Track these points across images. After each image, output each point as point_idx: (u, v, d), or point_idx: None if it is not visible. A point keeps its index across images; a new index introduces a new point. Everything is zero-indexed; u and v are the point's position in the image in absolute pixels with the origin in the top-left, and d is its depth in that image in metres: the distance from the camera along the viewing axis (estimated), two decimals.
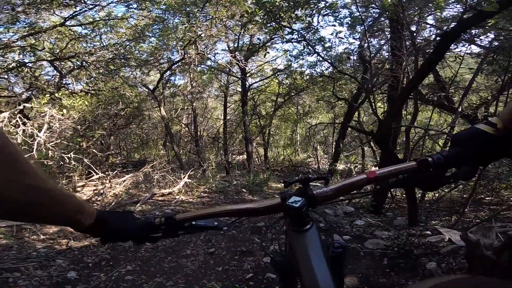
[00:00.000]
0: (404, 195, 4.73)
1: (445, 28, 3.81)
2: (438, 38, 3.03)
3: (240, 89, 9.48)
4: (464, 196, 3.99)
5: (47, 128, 4.68)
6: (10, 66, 5.81)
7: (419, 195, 4.05)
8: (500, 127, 0.55)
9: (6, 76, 6.11)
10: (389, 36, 4.71)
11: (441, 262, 2.20)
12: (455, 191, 4.19)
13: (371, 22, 5.11)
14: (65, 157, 4.50)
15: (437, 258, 2.27)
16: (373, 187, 2.53)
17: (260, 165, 10.37)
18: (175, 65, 7.51)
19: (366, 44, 5.39)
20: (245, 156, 10.04)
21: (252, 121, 10.11)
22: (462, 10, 2.90)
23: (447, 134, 3.94)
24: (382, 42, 5.88)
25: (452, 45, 2.99)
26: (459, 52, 3.65)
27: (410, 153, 3.87)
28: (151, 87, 7.92)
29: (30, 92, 6.61)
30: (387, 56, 5.01)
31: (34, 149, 3.93)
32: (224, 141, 9.65)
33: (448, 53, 3.58)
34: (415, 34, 3.82)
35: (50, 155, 4.44)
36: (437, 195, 4.26)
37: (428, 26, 4.53)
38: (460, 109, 3.88)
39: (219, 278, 2.38)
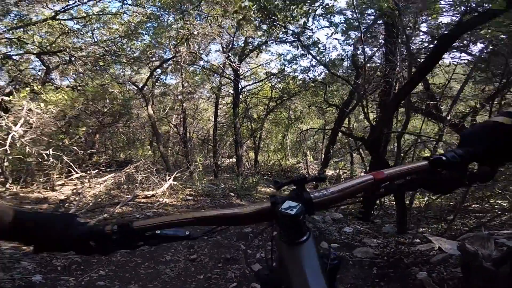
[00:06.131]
0: (392, 202, 4.69)
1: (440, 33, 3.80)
2: (434, 42, 3.00)
3: (232, 91, 9.38)
4: (451, 203, 3.98)
5: (26, 123, 4.44)
6: None
7: (407, 201, 4.01)
8: None
9: None
10: (382, 42, 4.72)
11: (432, 271, 2.12)
12: (443, 198, 4.18)
13: (364, 30, 5.12)
14: (44, 154, 4.27)
15: (427, 267, 2.19)
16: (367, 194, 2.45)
17: (250, 169, 10.24)
18: (166, 63, 7.36)
19: (359, 50, 5.39)
20: (234, 160, 9.90)
21: (243, 124, 10.00)
22: (460, 13, 2.87)
23: (436, 141, 3.93)
24: (375, 49, 5.92)
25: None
26: (450, 60, 3.66)
27: (401, 160, 3.84)
28: (141, 85, 7.73)
29: (12, 86, 6.33)
30: (380, 62, 5.02)
31: (7, 144, 3.69)
32: (213, 144, 9.49)
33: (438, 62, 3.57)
34: (409, 40, 3.82)
35: (28, 151, 4.20)
36: (425, 201, 4.23)
37: (422, 33, 4.57)
38: (448, 118, 3.89)
39: (200, 287, 2.23)
